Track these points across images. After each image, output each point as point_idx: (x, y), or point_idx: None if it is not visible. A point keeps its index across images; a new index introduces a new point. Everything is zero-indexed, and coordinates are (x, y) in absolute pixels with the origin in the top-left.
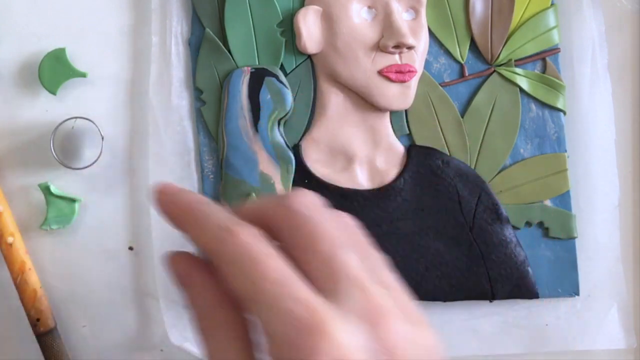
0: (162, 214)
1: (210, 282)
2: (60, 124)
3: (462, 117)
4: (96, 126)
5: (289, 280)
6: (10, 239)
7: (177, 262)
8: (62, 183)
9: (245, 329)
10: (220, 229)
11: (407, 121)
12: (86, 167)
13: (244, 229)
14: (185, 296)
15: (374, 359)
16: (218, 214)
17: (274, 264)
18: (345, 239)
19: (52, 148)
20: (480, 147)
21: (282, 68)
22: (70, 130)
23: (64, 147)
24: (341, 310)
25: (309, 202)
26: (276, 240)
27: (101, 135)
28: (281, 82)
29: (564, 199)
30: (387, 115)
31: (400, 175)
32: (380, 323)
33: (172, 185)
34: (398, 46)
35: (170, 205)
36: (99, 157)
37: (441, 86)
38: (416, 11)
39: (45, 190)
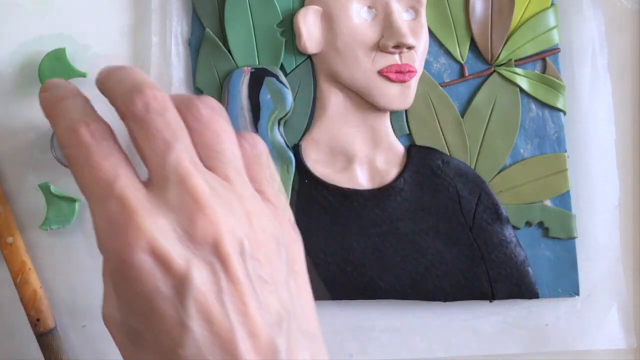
0: (42, 111)
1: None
2: None
3: (462, 117)
4: None
5: (117, 181)
6: (10, 239)
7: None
8: (62, 183)
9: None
10: (70, 127)
11: (407, 121)
12: None
13: (91, 125)
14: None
15: (186, 247)
16: (76, 106)
17: (107, 165)
18: (196, 131)
19: (52, 148)
20: (480, 147)
21: (282, 68)
22: None
23: None
24: (162, 203)
25: (149, 103)
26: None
27: None
28: (281, 82)
29: (564, 199)
30: (387, 115)
31: (400, 175)
32: (196, 215)
33: (56, 80)
34: (398, 46)
35: (44, 100)
36: None
37: (441, 86)
38: (416, 11)
39: (45, 190)
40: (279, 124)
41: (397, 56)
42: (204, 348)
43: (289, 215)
